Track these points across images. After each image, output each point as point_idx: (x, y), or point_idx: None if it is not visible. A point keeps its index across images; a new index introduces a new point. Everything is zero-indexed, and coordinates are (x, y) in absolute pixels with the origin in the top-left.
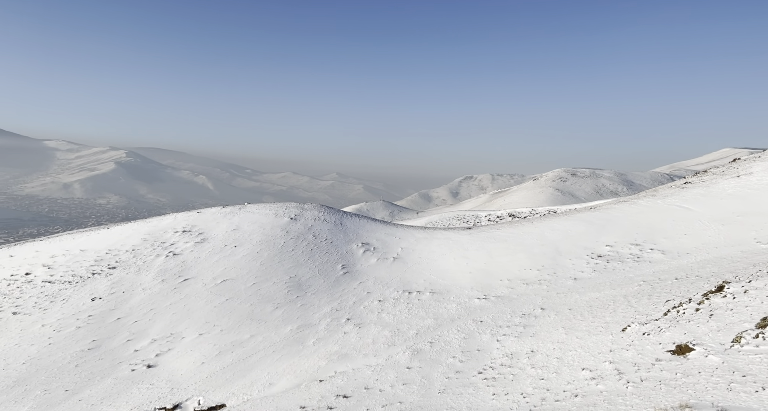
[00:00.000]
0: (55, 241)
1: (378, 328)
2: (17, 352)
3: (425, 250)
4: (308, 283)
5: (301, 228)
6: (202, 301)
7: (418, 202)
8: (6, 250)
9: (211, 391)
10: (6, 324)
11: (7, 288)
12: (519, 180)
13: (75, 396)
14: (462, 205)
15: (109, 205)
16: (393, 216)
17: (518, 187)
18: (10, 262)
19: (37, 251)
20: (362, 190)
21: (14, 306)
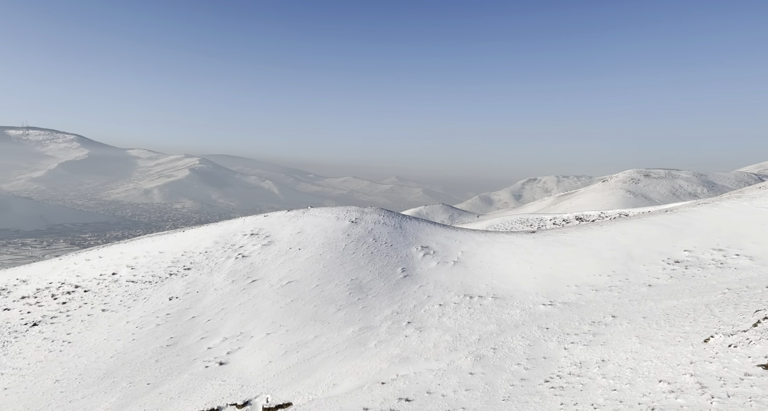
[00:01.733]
0: (137, 243)
1: (439, 332)
2: (106, 346)
3: (487, 254)
4: (369, 285)
5: (362, 231)
6: (268, 302)
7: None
8: (96, 252)
9: (278, 390)
10: (96, 320)
11: (96, 286)
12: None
13: (156, 389)
14: (525, 208)
15: (184, 210)
16: (452, 219)
17: (586, 189)
18: (100, 263)
19: (122, 253)
20: (421, 194)
21: (103, 303)
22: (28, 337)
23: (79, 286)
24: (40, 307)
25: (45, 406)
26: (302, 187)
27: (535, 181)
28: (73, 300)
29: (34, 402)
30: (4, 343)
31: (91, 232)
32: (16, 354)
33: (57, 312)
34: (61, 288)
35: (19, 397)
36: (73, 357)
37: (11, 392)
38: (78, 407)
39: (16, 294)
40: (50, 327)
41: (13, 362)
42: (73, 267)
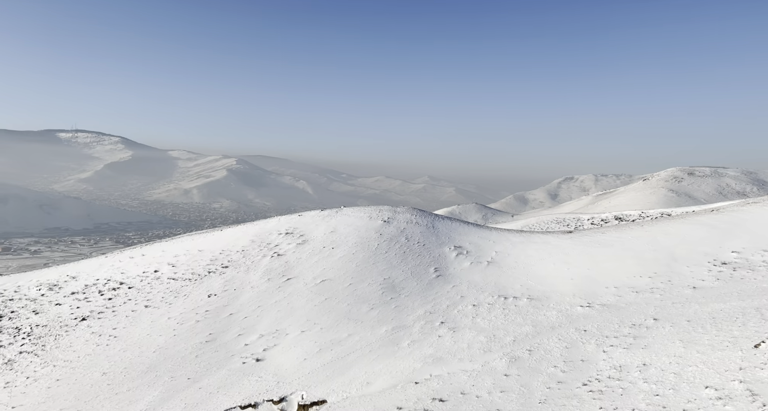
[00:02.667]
0: (177, 242)
1: (473, 333)
2: (149, 341)
3: (522, 255)
4: (401, 285)
5: (394, 231)
6: (303, 300)
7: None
8: (139, 250)
9: (313, 387)
10: (140, 316)
11: (140, 283)
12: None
13: (196, 384)
14: (561, 208)
15: (221, 209)
16: (486, 219)
17: (625, 188)
18: (143, 260)
19: (163, 251)
20: (454, 193)
21: (146, 300)
22: (78, 331)
23: (124, 282)
24: (88, 303)
25: (93, 398)
26: (335, 186)
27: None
28: (118, 296)
29: (83, 393)
30: (56, 337)
31: (134, 230)
32: (66, 347)
33: (104, 307)
34: (107, 284)
35: (70, 388)
36: (118, 351)
37: (63, 383)
38: (124, 399)
39: (66, 290)
40: (97, 322)
41: (64, 355)
42: (118, 264)
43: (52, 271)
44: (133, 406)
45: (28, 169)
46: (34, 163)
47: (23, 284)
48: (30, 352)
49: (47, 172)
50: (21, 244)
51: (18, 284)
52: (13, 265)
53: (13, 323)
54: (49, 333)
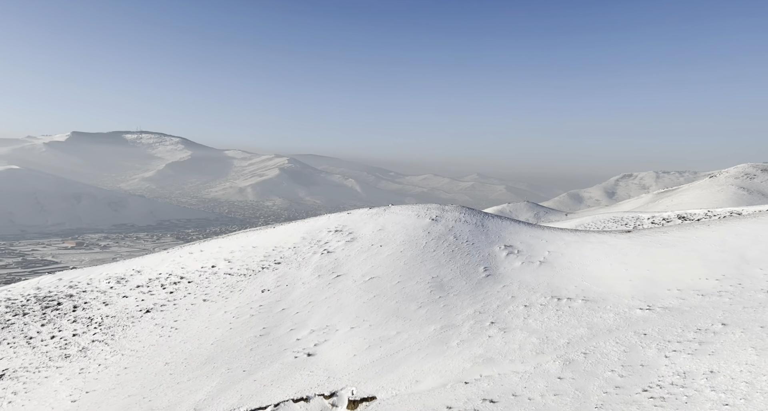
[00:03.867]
0: (233, 238)
1: (524, 333)
2: (206, 333)
3: (576, 255)
4: (450, 284)
5: (442, 229)
6: (352, 297)
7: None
8: (198, 246)
9: (363, 383)
10: (198, 309)
11: (198, 278)
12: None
13: (251, 376)
14: (619, 207)
15: (274, 207)
16: (538, 218)
17: (689, 186)
18: (201, 256)
19: (220, 247)
20: (504, 191)
21: (204, 294)
22: (143, 322)
23: (184, 277)
24: (151, 296)
25: (157, 386)
26: (383, 184)
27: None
28: (178, 290)
29: (148, 381)
30: (124, 327)
31: (193, 227)
32: (133, 337)
33: (166, 300)
34: (168, 278)
35: (137, 376)
36: (179, 342)
37: (130, 371)
38: (185, 389)
39: (132, 283)
40: (160, 314)
41: (131, 344)
42: (178, 259)
43: (120, 265)
44: (193, 395)
45: (99, 168)
46: (103, 163)
47: (94, 277)
48: (101, 341)
49: (115, 171)
50: (92, 239)
51: (90, 277)
52: (85, 259)
53: (86, 313)
54: (117, 323)
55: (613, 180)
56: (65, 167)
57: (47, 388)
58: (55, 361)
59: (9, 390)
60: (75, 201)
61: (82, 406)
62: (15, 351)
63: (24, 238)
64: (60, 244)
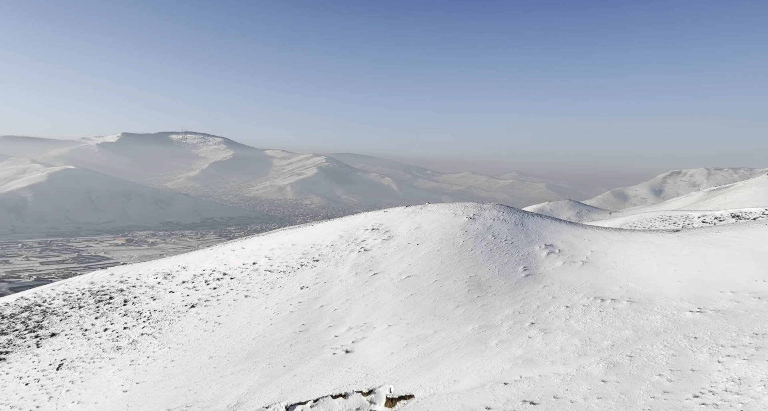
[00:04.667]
0: (273, 236)
1: (566, 335)
2: (248, 329)
3: (621, 255)
4: (488, 283)
5: (480, 228)
6: (389, 295)
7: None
8: (239, 243)
9: (400, 381)
10: (240, 305)
11: (240, 274)
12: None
13: (291, 371)
14: (667, 205)
15: (312, 205)
16: (580, 216)
17: (745, 183)
18: (243, 253)
19: (261, 245)
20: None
21: (245, 290)
22: (188, 317)
23: (227, 273)
24: (196, 291)
25: (202, 379)
26: (420, 183)
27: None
28: (221, 286)
29: (193, 374)
30: (170, 321)
31: (235, 225)
32: (179, 331)
33: (209, 296)
34: (212, 275)
35: (183, 369)
36: (222, 337)
37: (176, 364)
38: (228, 382)
39: (178, 279)
40: (204, 309)
41: (177, 338)
42: (221, 256)
43: (166, 261)
44: (236, 389)
45: (146, 168)
46: (151, 163)
47: (143, 273)
48: (149, 334)
49: (162, 170)
50: (141, 236)
51: (139, 273)
52: (134, 255)
53: (135, 308)
54: (164, 318)
55: (661, 177)
56: (116, 167)
57: (101, 378)
58: (107, 353)
59: (67, 379)
60: (125, 199)
61: (133, 396)
62: (72, 342)
63: (79, 235)
64: (111, 241)
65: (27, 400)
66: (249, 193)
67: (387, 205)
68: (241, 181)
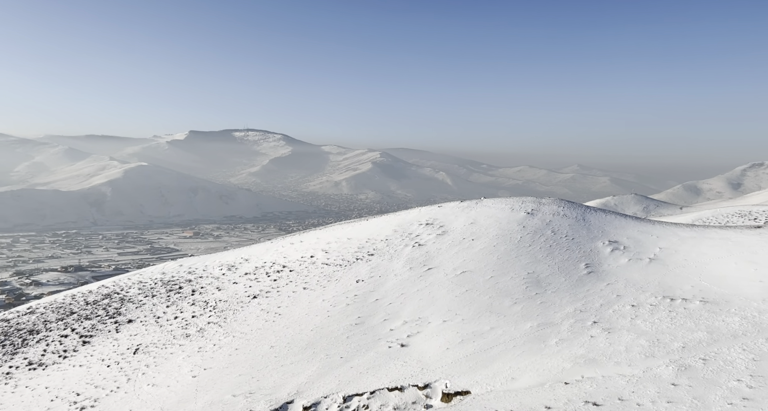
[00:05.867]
0: (329, 230)
1: (632, 335)
2: (306, 320)
3: (693, 252)
4: (547, 280)
5: (539, 223)
6: (444, 290)
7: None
8: (298, 236)
9: (456, 377)
10: (299, 296)
11: (298, 267)
12: None
13: (347, 363)
14: (747, 199)
15: (367, 200)
16: (648, 211)
17: None
18: (301, 246)
19: (318, 238)
20: (608, 183)
21: (304, 282)
22: (250, 307)
23: (286, 266)
24: (257, 283)
25: (264, 367)
26: (475, 177)
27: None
28: (281, 278)
29: (256, 362)
30: (234, 311)
31: (294, 219)
32: (242, 321)
33: (270, 287)
34: (272, 267)
35: (246, 357)
36: (282, 327)
37: (240, 352)
38: (288, 372)
39: (240, 270)
40: (266, 300)
41: (240, 327)
42: (281, 249)
43: (230, 253)
44: (295, 378)
45: (211, 164)
46: (215, 159)
47: (209, 264)
48: (215, 323)
49: (225, 167)
50: (207, 229)
51: (205, 264)
52: (201, 247)
53: (203, 297)
54: (228, 307)
55: (740, 170)
56: (184, 163)
57: (172, 363)
58: (178, 339)
59: (142, 363)
60: (192, 194)
61: (201, 381)
62: (146, 328)
63: (151, 228)
64: (180, 234)
65: (109, 381)
66: (306, 188)
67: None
68: (299, 177)
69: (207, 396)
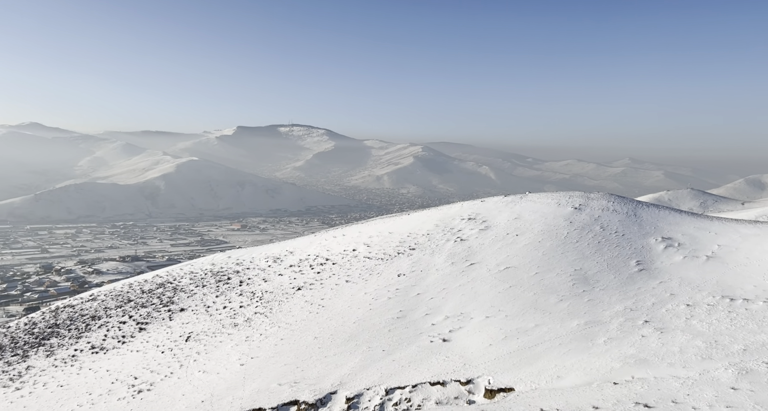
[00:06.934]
0: (371, 224)
1: (687, 336)
2: (349, 312)
3: (756, 250)
4: (595, 277)
5: (587, 218)
6: (486, 286)
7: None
8: (340, 230)
9: (499, 373)
10: (341, 289)
11: (341, 260)
12: None
13: (389, 356)
14: None
15: (408, 194)
16: (705, 207)
17: None
18: (344, 240)
19: (360, 232)
20: (662, 177)
21: (346, 275)
22: (295, 298)
23: (329, 259)
24: (302, 275)
25: (308, 358)
26: (520, 171)
27: None
28: (324, 270)
29: (300, 352)
30: (280, 302)
31: (336, 213)
32: (287, 312)
33: (314, 280)
34: (316, 260)
35: (291, 347)
36: (325, 319)
37: (285, 342)
38: (331, 363)
39: (285, 263)
40: (309, 292)
41: (285, 318)
42: (324, 242)
43: (275, 246)
44: (338, 369)
45: (258, 159)
46: (261, 154)
47: (255, 256)
48: (262, 313)
49: (271, 161)
50: (253, 222)
51: (252, 256)
52: (248, 240)
53: (250, 288)
54: (274, 298)
55: None
56: (232, 158)
57: (221, 351)
58: (226, 329)
59: (194, 350)
60: (240, 188)
61: (249, 369)
62: (197, 317)
63: (201, 220)
64: (228, 226)
65: (163, 367)
66: (349, 183)
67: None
68: (342, 171)
69: (254, 384)
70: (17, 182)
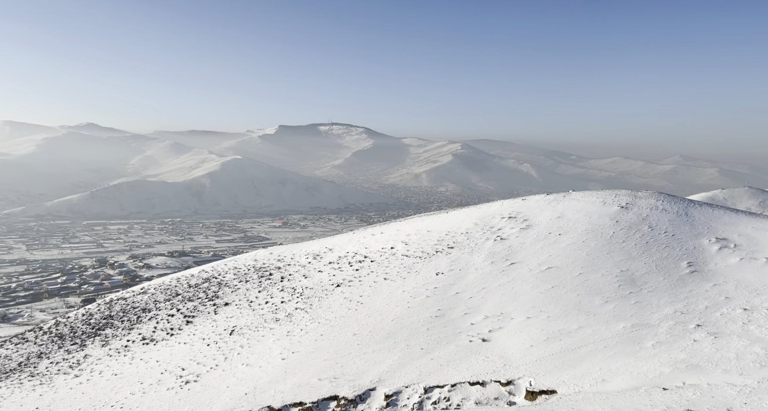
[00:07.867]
0: (409, 222)
1: (743, 341)
2: (387, 310)
3: None
4: (643, 279)
5: (634, 218)
6: (527, 286)
7: None
8: (379, 228)
9: (541, 375)
10: (380, 286)
11: (379, 257)
12: None
13: (428, 355)
14: None
15: (447, 193)
16: (764, 206)
17: None
18: (382, 237)
19: (398, 230)
20: (716, 175)
21: (384, 273)
22: (334, 295)
23: (367, 256)
24: (341, 272)
25: (347, 354)
26: (563, 169)
27: None
28: (363, 268)
29: (339, 348)
30: (319, 298)
31: (374, 210)
32: (326, 308)
33: (352, 277)
34: (354, 257)
35: (330, 343)
36: (364, 316)
37: (325, 338)
38: (370, 360)
39: (325, 260)
40: (348, 289)
41: (325, 314)
42: (362, 240)
43: (315, 243)
44: (377, 366)
45: (298, 157)
46: (302, 153)
47: (296, 253)
48: (302, 309)
49: (311, 159)
50: (294, 219)
51: (293, 253)
52: (289, 237)
53: (290, 284)
54: (314, 295)
55: None
56: (274, 156)
57: (263, 346)
58: (268, 323)
59: (238, 343)
60: (281, 186)
61: (290, 363)
62: (241, 311)
63: (245, 217)
64: (270, 223)
65: (208, 359)
66: (387, 181)
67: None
68: (380, 169)
69: (295, 378)
70: (75, 180)
